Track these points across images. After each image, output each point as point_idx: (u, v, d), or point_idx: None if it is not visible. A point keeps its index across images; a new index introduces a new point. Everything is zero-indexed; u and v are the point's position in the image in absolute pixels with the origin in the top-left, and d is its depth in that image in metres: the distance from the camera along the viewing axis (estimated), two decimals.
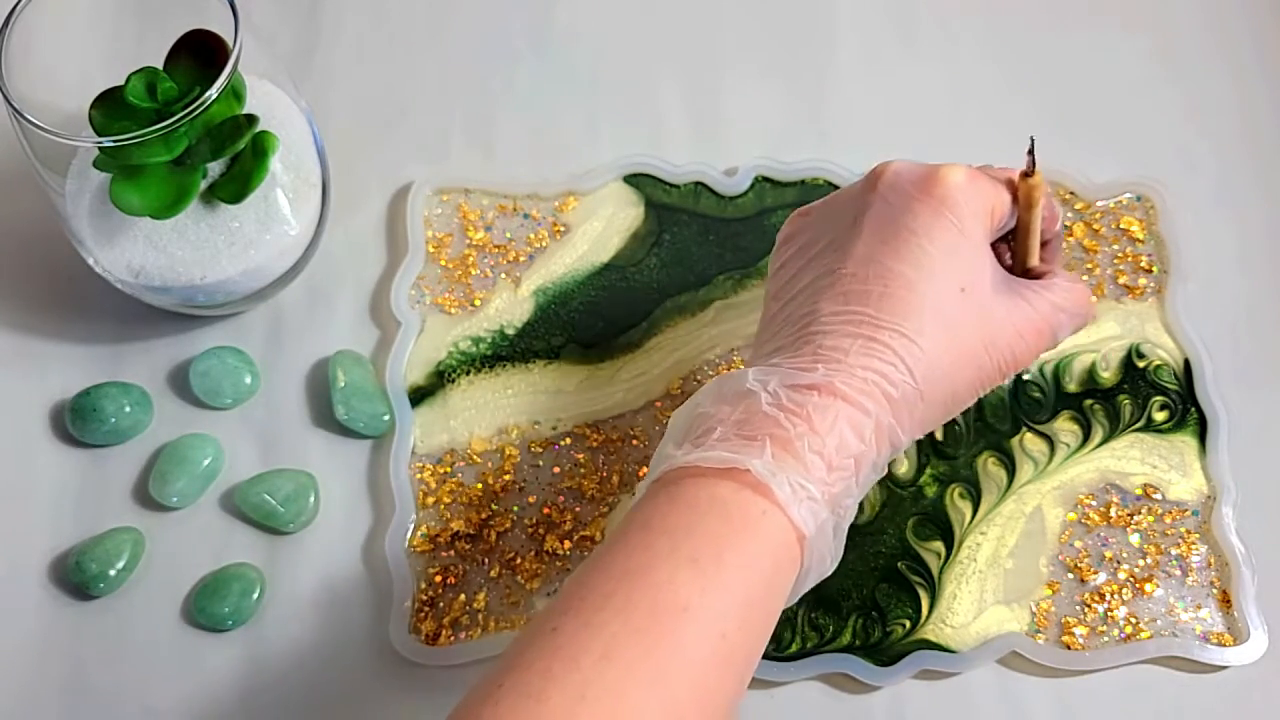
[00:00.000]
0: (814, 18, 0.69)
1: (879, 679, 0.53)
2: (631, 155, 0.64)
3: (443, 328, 0.60)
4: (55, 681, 0.54)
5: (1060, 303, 0.50)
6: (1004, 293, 0.49)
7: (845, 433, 0.44)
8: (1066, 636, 0.53)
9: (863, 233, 0.48)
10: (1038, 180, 0.50)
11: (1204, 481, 0.56)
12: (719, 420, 0.45)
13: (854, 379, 0.45)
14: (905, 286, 0.46)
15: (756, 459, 0.43)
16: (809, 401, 0.44)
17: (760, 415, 0.45)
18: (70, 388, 0.59)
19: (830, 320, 0.47)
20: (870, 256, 0.47)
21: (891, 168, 0.49)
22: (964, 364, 0.47)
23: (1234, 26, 0.68)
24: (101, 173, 0.55)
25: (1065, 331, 0.50)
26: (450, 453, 0.58)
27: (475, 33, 0.69)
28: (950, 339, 0.46)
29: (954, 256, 0.47)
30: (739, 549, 0.42)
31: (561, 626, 0.41)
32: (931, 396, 0.46)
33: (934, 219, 0.47)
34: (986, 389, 0.48)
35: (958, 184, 0.48)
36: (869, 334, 0.46)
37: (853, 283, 0.47)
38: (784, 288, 0.50)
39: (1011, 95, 0.66)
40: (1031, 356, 0.49)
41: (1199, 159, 0.64)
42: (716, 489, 0.43)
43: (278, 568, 0.56)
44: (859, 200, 0.49)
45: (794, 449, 0.44)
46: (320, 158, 0.59)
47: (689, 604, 0.41)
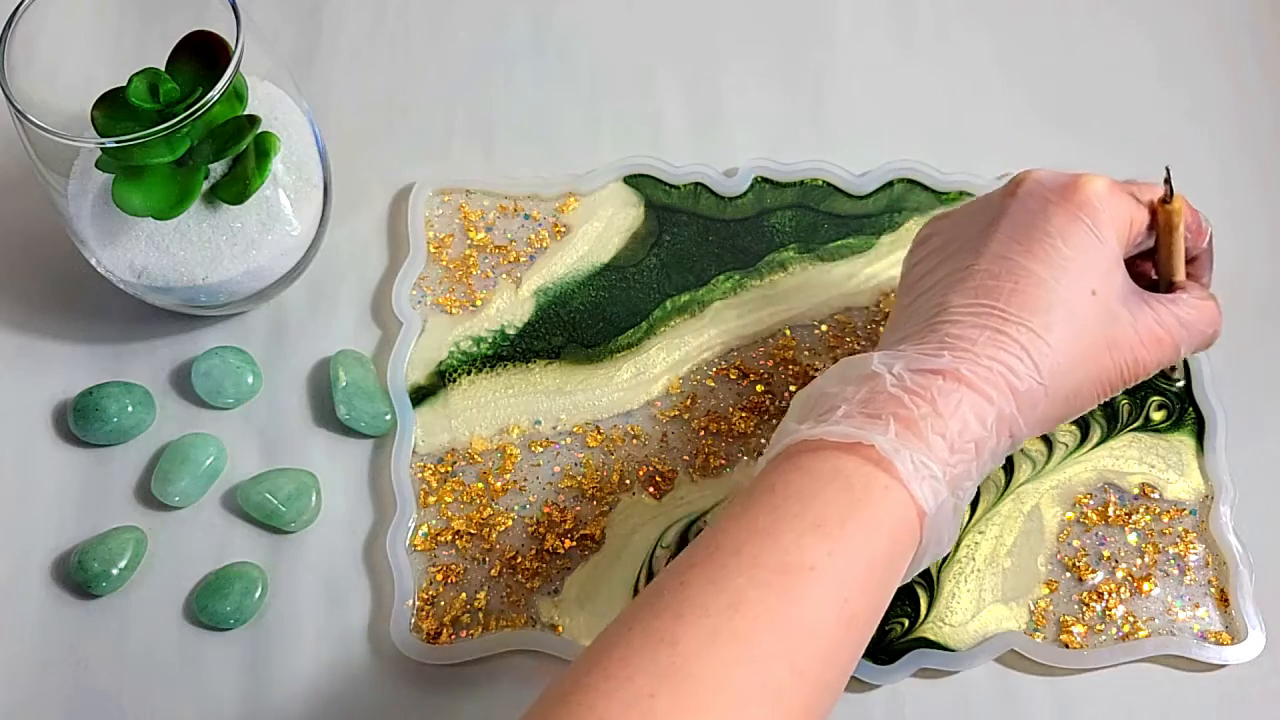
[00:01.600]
0: (814, 18, 0.69)
1: (878, 677, 0.53)
2: (631, 156, 0.64)
3: (444, 328, 0.61)
4: (57, 680, 0.54)
5: (1185, 317, 0.51)
6: (1132, 302, 0.50)
7: (968, 417, 0.45)
8: (1065, 635, 0.54)
9: (998, 233, 0.49)
10: (1177, 206, 0.51)
11: (1202, 481, 0.57)
12: (844, 399, 0.46)
13: (979, 367, 0.46)
14: (1036, 284, 0.47)
15: (881, 435, 0.44)
16: (933, 385, 0.45)
17: (885, 395, 0.46)
18: (73, 387, 0.59)
19: (959, 312, 0.48)
20: (1004, 254, 0.48)
21: (1033, 175, 0.51)
22: (1088, 364, 0.48)
23: (1233, 27, 0.68)
24: (104, 173, 0.55)
25: (1189, 345, 0.51)
26: (451, 452, 0.58)
27: (475, 33, 0.69)
28: (1076, 338, 0.47)
29: (1087, 260, 0.48)
30: (861, 519, 0.43)
31: (690, 579, 0.42)
32: (1055, 392, 0.47)
33: (1070, 223, 0.48)
34: (1108, 393, 0.49)
35: (1097, 192, 0.49)
36: (997, 326, 0.47)
37: (984, 278, 0.48)
38: (916, 283, 0.51)
39: (1011, 95, 0.66)
40: (1155, 365, 0.50)
41: (1197, 159, 0.64)
42: (841, 462, 0.44)
43: (279, 567, 0.56)
44: (997, 204, 0.51)
45: (917, 429, 0.45)
46: (322, 158, 0.59)
47: (815, 564, 0.42)
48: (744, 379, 0.59)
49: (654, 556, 0.55)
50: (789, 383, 0.59)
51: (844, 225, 0.62)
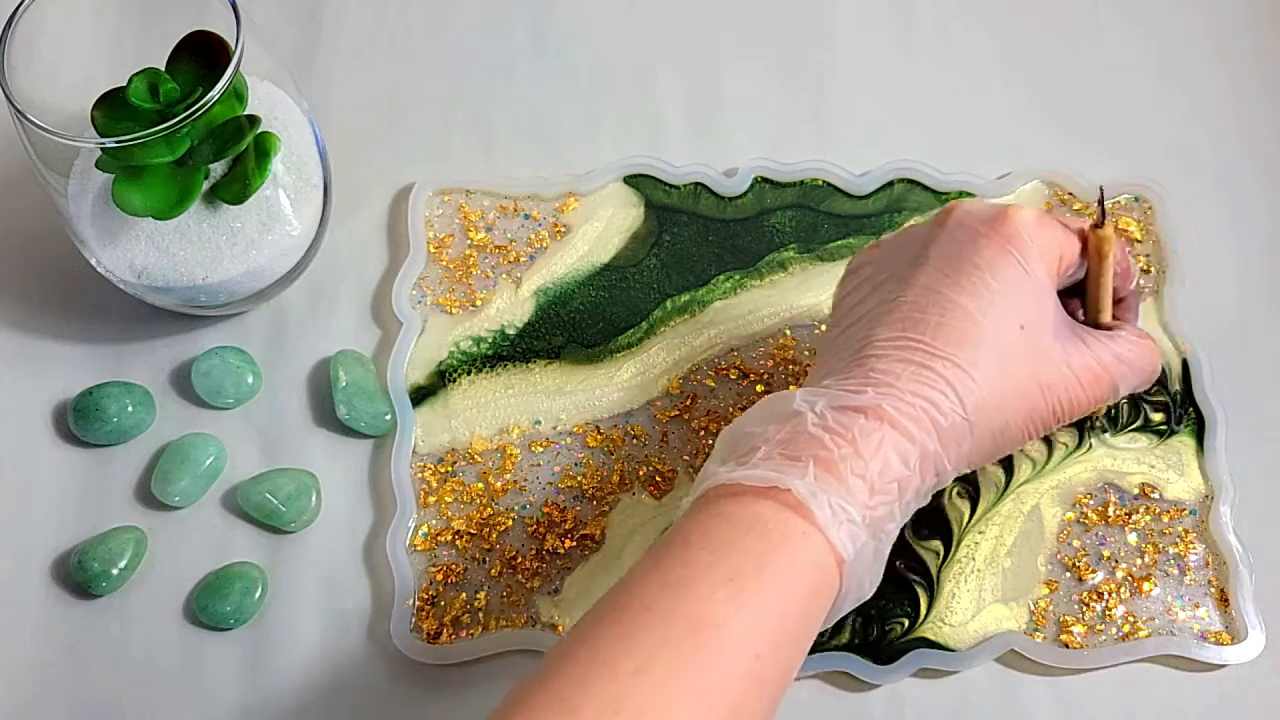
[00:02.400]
0: (814, 18, 0.69)
1: (877, 677, 0.53)
2: (631, 156, 0.64)
3: (444, 328, 0.61)
4: (57, 680, 0.54)
5: (1123, 354, 0.50)
6: (1066, 337, 0.49)
7: (890, 457, 0.45)
8: (1065, 635, 0.54)
9: (927, 264, 0.48)
10: (1108, 232, 0.50)
11: (1202, 481, 0.57)
12: (764, 439, 0.45)
13: (903, 404, 0.45)
14: (963, 318, 0.47)
15: (798, 479, 0.43)
16: (855, 424, 0.45)
17: (805, 436, 0.45)
18: (72, 387, 0.59)
19: (884, 346, 0.47)
20: (931, 287, 0.48)
21: (962, 205, 0.50)
22: (1016, 400, 0.47)
23: (1232, 27, 0.68)
24: (104, 173, 0.55)
25: (1127, 384, 0.50)
26: (451, 452, 0.58)
27: (475, 33, 0.69)
28: (1004, 374, 0.47)
29: (1016, 294, 0.47)
30: (777, 568, 0.42)
31: (602, 635, 0.41)
32: (981, 429, 0.46)
33: (999, 255, 0.48)
34: (1040, 430, 0.48)
35: (1026, 223, 0.48)
36: (922, 361, 0.46)
37: (911, 310, 0.47)
38: (845, 315, 0.50)
39: (1010, 95, 0.66)
40: (1090, 404, 0.49)
41: (1197, 159, 0.64)
42: (757, 507, 0.43)
43: (279, 567, 0.56)
44: (927, 235, 0.50)
45: (837, 471, 0.44)
46: (322, 158, 0.59)
47: (725, 621, 0.41)
48: (744, 379, 0.59)
49: None
50: (789, 383, 0.59)
51: (844, 225, 0.62)
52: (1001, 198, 0.63)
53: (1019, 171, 0.63)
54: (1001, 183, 0.63)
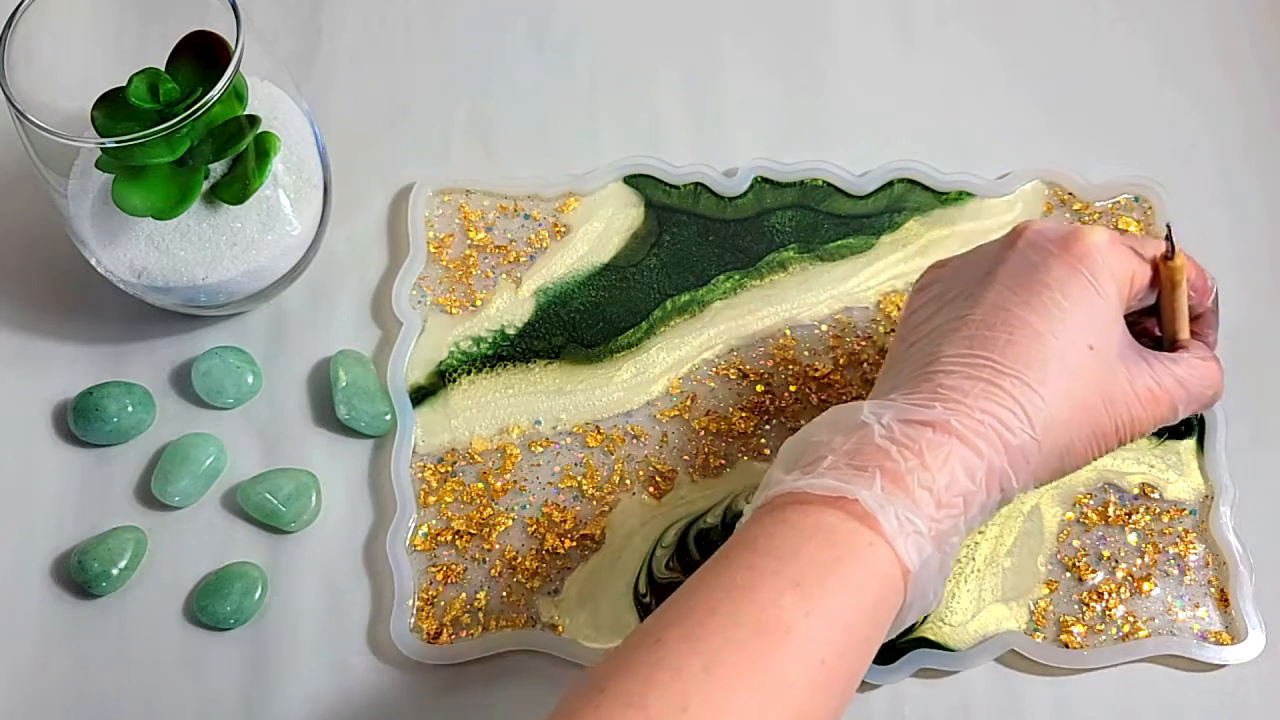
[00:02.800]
0: (813, 17, 0.69)
1: (877, 677, 0.53)
2: (631, 156, 0.64)
3: (444, 328, 0.61)
4: (57, 680, 0.54)
5: (1184, 377, 0.50)
6: (1130, 359, 0.49)
7: (957, 471, 0.44)
8: (1065, 635, 0.54)
9: (996, 283, 0.48)
10: (1179, 263, 0.50)
11: (1202, 481, 0.57)
12: (831, 449, 0.45)
13: (971, 420, 0.45)
14: (1032, 336, 0.47)
15: (866, 489, 0.43)
16: (923, 437, 0.45)
17: (872, 447, 0.45)
18: (72, 387, 0.59)
19: (952, 362, 0.47)
20: (1001, 305, 0.48)
21: (1034, 225, 0.50)
22: (1082, 420, 0.47)
23: (1233, 27, 0.68)
24: (104, 173, 0.55)
25: (1187, 406, 0.50)
26: (451, 452, 0.58)
27: (475, 33, 0.69)
28: (1071, 393, 0.47)
29: (1086, 314, 0.47)
30: (843, 577, 0.42)
31: (665, 638, 0.41)
32: (1048, 447, 0.46)
33: (1070, 275, 0.48)
34: (1103, 451, 0.48)
35: (1098, 244, 0.48)
36: (990, 379, 0.46)
37: (980, 328, 0.47)
38: (912, 331, 0.50)
39: (1011, 95, 0.66)
40: (1151, 424, 0.49)
41: (1197, 160, 0.64)
42: (823, 516, 0.43)
43: (279, 567, 0.56)
44: (997, 254, 0.50)
45: (904, 483, 0.44)
46: (322, 158, 0.59)
47: (792, 625, 0.41)
48: (744, 379, 0.59)
49: (654, 556, 0.55)
50: (789, 383, 0.59)
51: (844, 225, 0.62)
52: (1001, 197, 0.63)
53: (1019, 171, 0.63)
54: (1001, 183, 0.63)
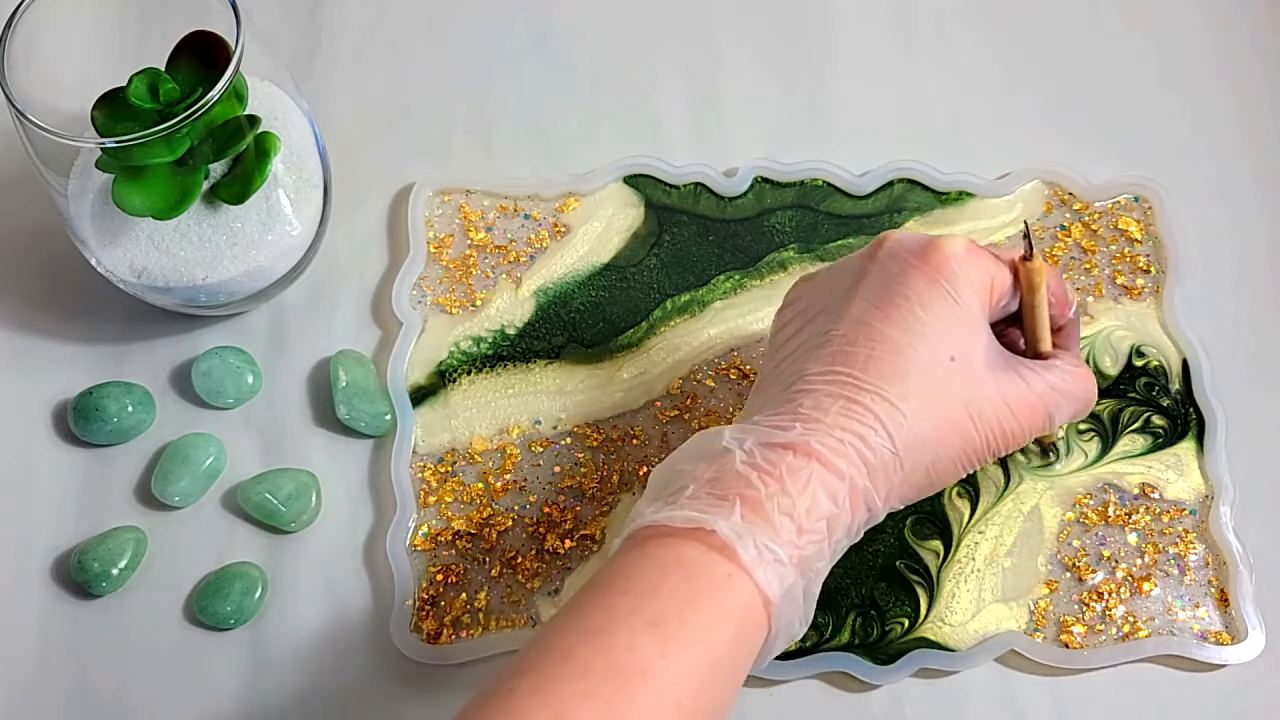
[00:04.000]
0: (814, 17, 0.69)
1: (878, 677, 0.53)
2: (631, 156, 0.64)
3: (444, 328, 0.61)
4: (57, 680, 0.54)
5: (1057, 384, 0.49)
6: (999, 367, 0.48)
7: (818, 494, 0.44)
8: (1065, 635, 0.54)
9: (858, 297, 0.48)
10: (1038, 265, 0.50)
11: (1202, 481, 0.57)
12: (693, 478, 0.45)
13: (831, 440, 0.45)
14: (893, 351, 0.46)
15: (724, 520, 0.43)
16: (783, 461, 0.44)
17: (733, 474, 0.44)
18: (72, 387, 0.59)
19: (815, 380, 0.46)
20: (862, 319, 0.47)
21: (893, 236, 0.50)
22: (948, 433, 0.46)
23: (1232, 27, 0.68)
24: (104, 173, 0.55)
25: (1063, 414, 0.50)
26: (451, 452, 0.58)
27: (475, 33, 0.69)
28: (934, 407, 0.46)
29: (946, 325, 0.47)
30: (701, 613, 0.42)
31: (517, 688, 0.40)
32: (911, 463, 0.46)
33: (929, 287, 0.47)
34: (974, 463, 0.48)
35: (955, 254, 0.48)
36: (851, 395, 0.46)
37: (842, 344, 0.47)
38: (779, 348, 0.50)
39: (1011, 95, 0.66)
40: (1024, 435, 0.48)
41: (1197, 160, 0.64)
42: (683, 550, 0.43)
43: (279, 567, 0.56)
44: (859, 267, 0.49)
45: (764, 510, 0.43)
46: (322, 158, 0.59)
47: (646, 668, 0.40)
48: (744, 379, 0.59)
49: None
50: None
51: (844, 225, 0.62)
52: (1001, 197, 0.63)
53: (1019, 171, 0.63)
54: (1001, 183, 0.63)
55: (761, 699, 0.53)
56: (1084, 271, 0.61)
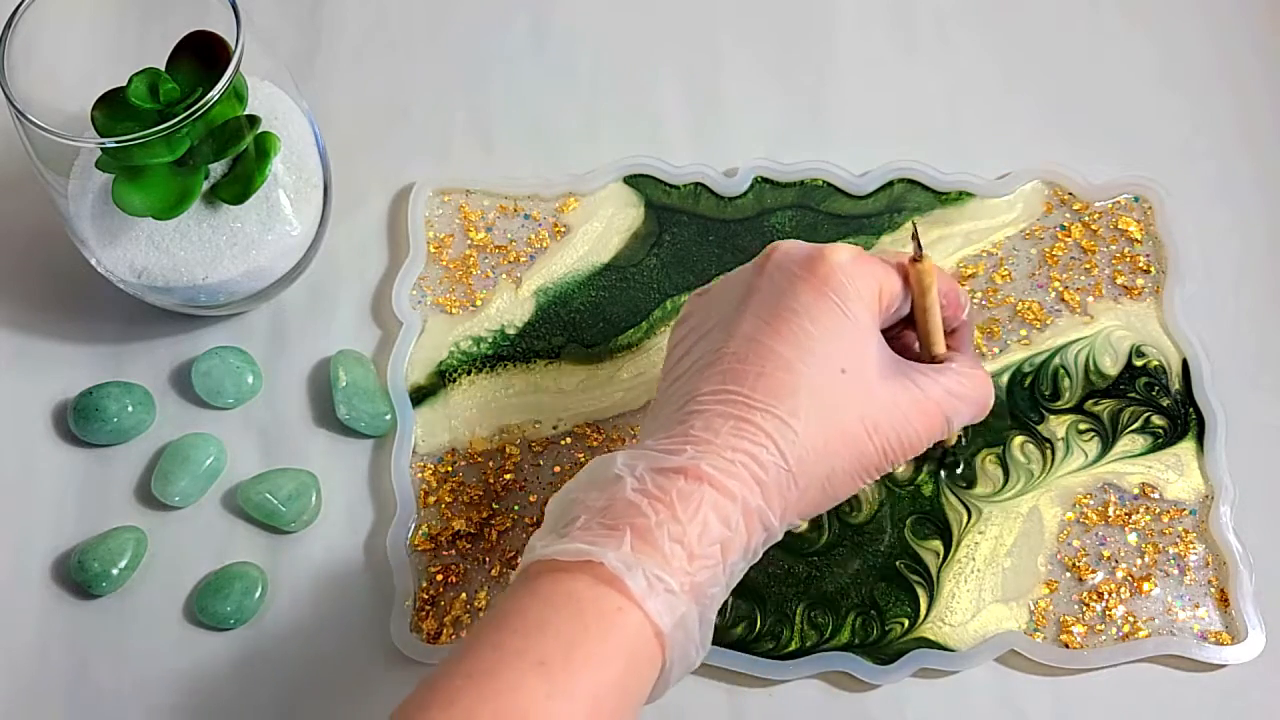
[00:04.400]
0: (814, 17, 0.69)
1: (878, 677, 0.53)
2: (631, 156, 0.64)
3: (444, 328, 0.61)
4: (57, 680, 0.54)
5: (953, 387, 0.48)
6: (892, 375, 0.47)
7: (710, 518, 0.43)
8: (1065, 635, 0.54)
9: (748, 312, 0.47)
10: (927, 266, 0.49)
11: (1202, 481, 0.57)
12: (585, 508, 0.44)
13: (722, 461, 0.44)
14: (783, 367, 0.46)
15: (613, 551, 0.42)
16: (674, 486, 0.43)
17: (624, 502, 0.43)
18: (72, 387, 0.59)
19: (706, 400, 0.46)
20: (752, 335, 0.47)
21: (781, 248, 0.49)
22: (842, 447, 0.46)
23: (1232, 27, 0.68)
24: (104, 173, 0.55)
25: (961, 418, 0.49)
26: (451, 452, 0.58)
27: (475, 33, 0.69)
28: (827, 421, 0.45)
29: (835, 337, 0.46)
30: (590, 649, 0.41)
31: None
32: (806, 479, 0.45)
33: (816, 299, 0.47)
34: (871, 474, 0.47)
35: (841, 264, 0.47)
36: (741, 414, 0.45)
37: (733, 362, 0.46)
38: (673, 368, 0.49)
39: (1010, 95, 0.66)
40: (922, 442, 0.48)
41: (1197, 160, 0.64)
42: (573, 584, 0.42)
43: (279, 567, 0.56)
44: (749, 280, 0.49)
45: (653, 538, 0.42)
46: (322, 158, 0.59)
47: (530, 710, 0.40)
48: None
49: None
50: None
51: (844, 225, 0.62)
52: (1001, 197, 0.63)
53: (1019, 171, 0.63)
54: (1001, 183, 0.63)
55: (761, 699, 0.53)
56: (1084, 271, 0.61)
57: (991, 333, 0.60)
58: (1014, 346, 0.59)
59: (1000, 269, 0.61)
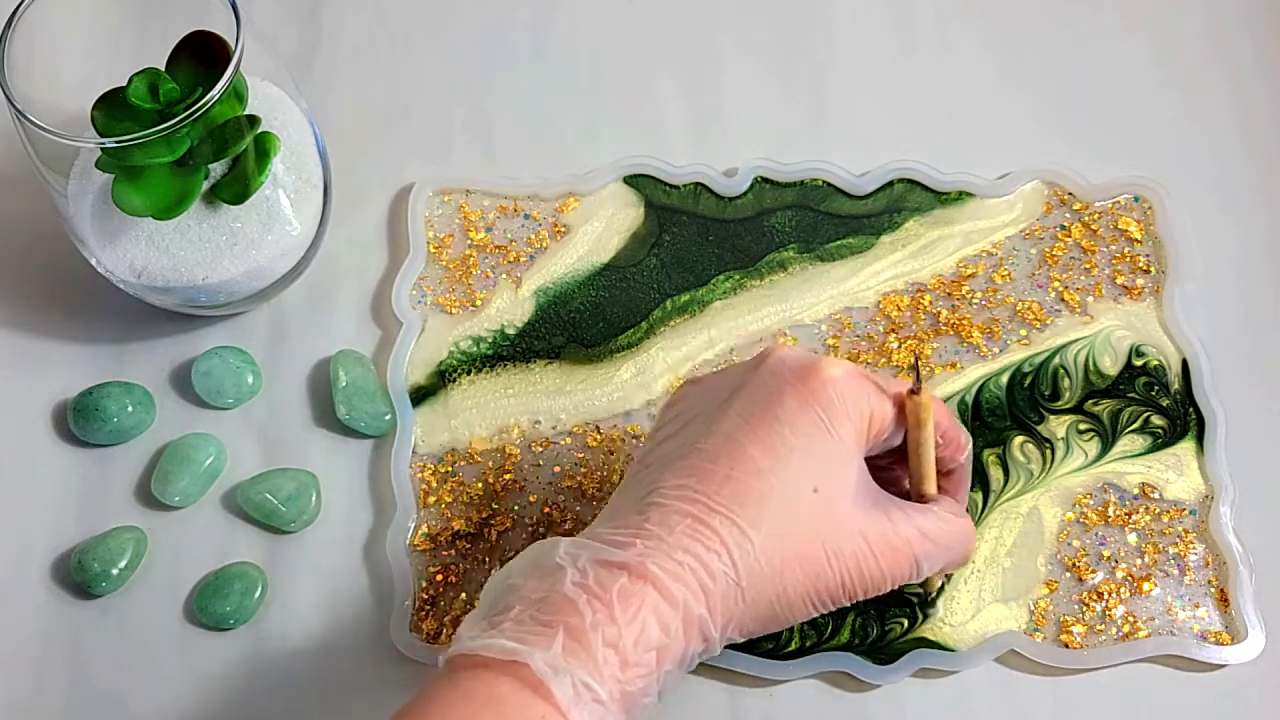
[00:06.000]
0: (813, 18, 0.69)
1: (878, 677, 0.53)
2: (631, 156, 0.64)
3: (444, 328, 0.61)
4: (57, 680, 0.54)
5: (929, 530, 0.46)
6: (866, 505, 0.45)
7: (649, 623, 0.41)
8: (1064, 635, 0.54)
9: (732, 410, 0.45)
10: (925, 399, 0.46)
11: (1201, 481, 0.57)
12: (521, 597, 0.42)
13: (670, 562, 0.42)
14: (753, 473, 0.44)
15: (543, 651, 0.40)
16: (616, 584, 0.41)
17: (561, 596, 0.41)
18: (72, 387, 0.59)
19: (668, 493, 0.44)
20: (731, 435, 0.45)
21: (778, 351, 0.47)
22: (798, 567, 0.44)
23: (1232, 27, 0.68)
24: (104, 173, 0.55)
25: (933, 563, 0.47)
26: (451, 452, 0.58)
27: (475, 33, 0.69)
28: (787, 537, 0.43)
29: (814, 453, 0.44)
30: None
31: None
32: (755, 595, 0.43)
33: (801, 410, 0.45)
34: (826, 602, 0.45)
35: (834, 378, 0.45)
36: (700, 515, 0.43)
37: (703, 459, 0.44)
38: (649, 453, 0.47)
39: (1010, 95, 0.66)
40: (886, 580, 0.45)
41: (1197, 160, 0.64)
42: (497, 685, 0.40)
43: (279, 567, 0.56)
44: (741, 377, 0.47)
45: (587, 641, 0.40)
46: (322, 158, 0.59)
47: None
48: None
49: None
50: None
51: (844, 225, 0.62)
52: (1001, 197, 0.63)
53: (1019, 171, 0.63)
54: (1001, 183, 0.63)
55: (761, 699, 0.53)
56: (1084, 271, 0.61)
57: (991, 333, 0.60)
58: (1014, 346, 0.59)
59: (1000, 269, 0.61)
